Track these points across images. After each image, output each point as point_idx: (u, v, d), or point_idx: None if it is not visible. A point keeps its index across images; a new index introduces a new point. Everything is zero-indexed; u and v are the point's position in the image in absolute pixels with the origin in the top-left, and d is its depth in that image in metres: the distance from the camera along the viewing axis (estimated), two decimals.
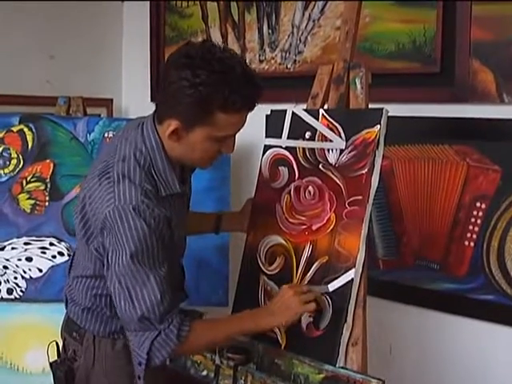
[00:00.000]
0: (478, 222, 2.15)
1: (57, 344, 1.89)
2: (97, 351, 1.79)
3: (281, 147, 1.96)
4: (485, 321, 2.17)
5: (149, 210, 1.58)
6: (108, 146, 1.85)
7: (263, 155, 2.00)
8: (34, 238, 2.53)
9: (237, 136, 1.68)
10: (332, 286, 1.75)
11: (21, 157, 2.56)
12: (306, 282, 1.81)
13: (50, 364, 1.86)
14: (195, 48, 1.61)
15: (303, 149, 1.90)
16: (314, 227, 1.83)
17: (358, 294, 1.72)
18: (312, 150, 1.88)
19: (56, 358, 1.88)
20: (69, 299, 1.87)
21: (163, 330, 1.59)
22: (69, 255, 2.47)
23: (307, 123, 1.90)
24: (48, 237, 2.53)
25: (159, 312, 1.58)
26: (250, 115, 1.64)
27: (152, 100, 3.03)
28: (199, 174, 2.51)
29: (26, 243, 2.53)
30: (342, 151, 1.81)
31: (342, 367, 1.70)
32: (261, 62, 2.75)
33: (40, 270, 2.52)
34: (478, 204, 2.15)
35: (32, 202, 2.55)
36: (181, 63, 1.57)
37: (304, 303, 1.71)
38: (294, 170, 1.91)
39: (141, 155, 1.66)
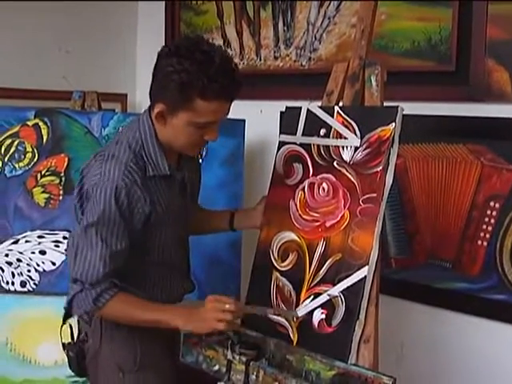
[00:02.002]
0: (492, 221, 2.14)
1: (70, 327, 1.95)
2: (103, 332, 1.86)
3: (295, 144, 1.96)
4: (497, 320, 2.17)
5: (126, 188, 1.71)
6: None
7: (278, 151, 2.00)
8: (48, 232, 2.55)
9: (252, 132, 1.69)
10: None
11: (36, 151, 2.58)
12: (318, 279, 1.81)
13: (63, 345, 1.95)
14: (184, 41, 1.81)
15: (318, 146, 1.90)
16: (327, 224, 1.83)
17: (370, 291, 1.72)
18: (327, 147, 1.88)
19: (70, 340, 1.95)
20: None
21: (85, 289, 1.72)
22: None
23: (322, 120, 1.90)
24: (62, 230, 2.54)
25: (91, 277, 1.70)
26: (264, 111, 1.65)
27: None
28: (213, 170, 2.53)
29: (39, 236, 2.54)
30: (356, 149, 1.81)
31: (354, 364, 1.70)
32: (276, 58, 2.75)
33: (53, 264, 2.54)
34: (492, 203, 2.14)
35: (46, 195, 2.56)
36: (169, 53, 1.71)
37: (218, 321, 1.70)
38: (308, 166, 1.91)
39: (133, 139, 1.79)
